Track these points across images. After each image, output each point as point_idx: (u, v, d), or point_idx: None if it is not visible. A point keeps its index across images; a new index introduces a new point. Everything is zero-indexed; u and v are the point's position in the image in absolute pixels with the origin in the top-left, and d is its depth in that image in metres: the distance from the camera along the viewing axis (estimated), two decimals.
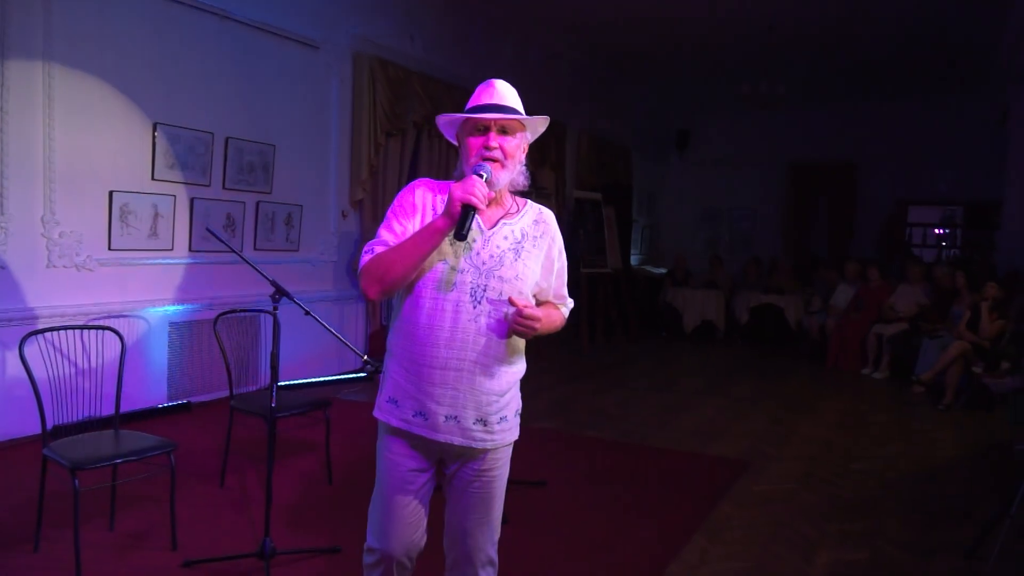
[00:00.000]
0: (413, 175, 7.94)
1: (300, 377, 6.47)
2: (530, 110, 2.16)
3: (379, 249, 1.99)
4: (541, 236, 2.13)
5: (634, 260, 13.30)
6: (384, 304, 7.24)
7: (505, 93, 2.10)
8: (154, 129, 5.38)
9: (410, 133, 7.70)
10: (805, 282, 11.13)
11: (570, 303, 2.28)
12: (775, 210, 13.83)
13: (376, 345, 7.29)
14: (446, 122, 2.14)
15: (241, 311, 4.66)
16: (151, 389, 5.49)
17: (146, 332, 5.43)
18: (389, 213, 2.06)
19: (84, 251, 5.03)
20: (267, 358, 5.73)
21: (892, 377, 8.35)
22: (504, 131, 2.04)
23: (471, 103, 2.09)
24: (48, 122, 4.77)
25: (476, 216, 1.94)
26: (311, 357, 6.61)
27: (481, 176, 1.95)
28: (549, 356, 9.00)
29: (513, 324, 1.97)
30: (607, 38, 10.22)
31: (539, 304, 2.17)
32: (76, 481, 2.97)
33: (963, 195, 12.44)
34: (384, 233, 2.03)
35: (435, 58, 8.09)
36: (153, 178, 5.41)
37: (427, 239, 1.92)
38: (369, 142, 7.07)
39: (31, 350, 3.17)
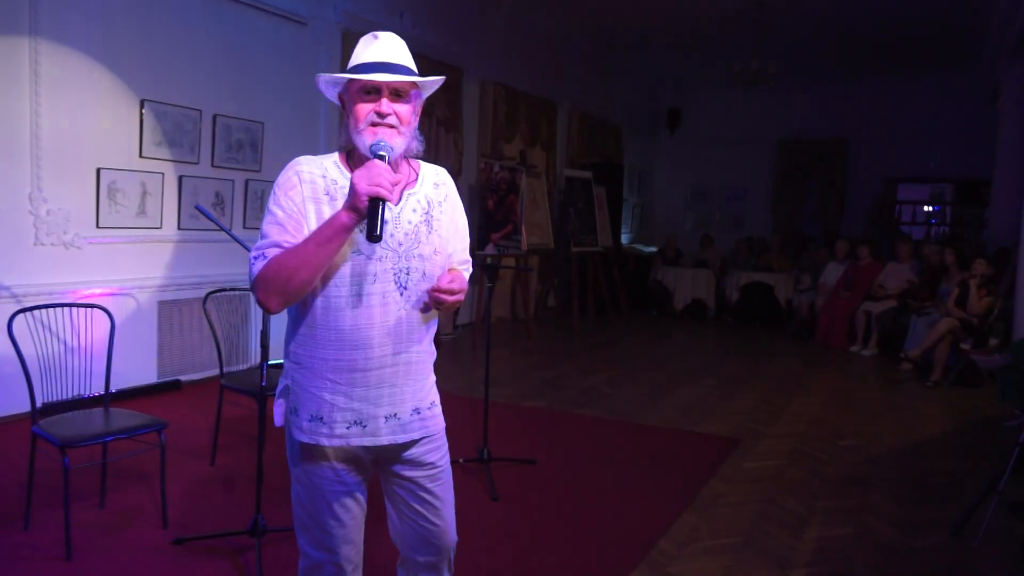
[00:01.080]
0: None
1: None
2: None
3: (272, 252, 1.69)
4: (445, 200, 1.91)
5: (625, 239, 13.30)
6: None
7: (395, 49, 1.80)
8: (141, 106, 5.32)
9: None
10: (795, 260, 11.17)
11: (471, 267, 2.05)
12: (765, 188, 13.85)
13: None
14: (328, 82, 1.84)
15: (231, 290, 4.64)
16: (141, 367, 5.47)
17: (135, 310, 5.40)
18: (272, 205, 1.74)
19: (72, 229, 4.99)
20: (257, 337, 5.71)
21: (880, 354, 8.41)
22: (397, 94, 1.79)
23: (355, 60, 1.79)
24: (35, 98, 4.71)
25: (390, 197, 1.67)
26: None
27: (382, 157, 1.70)
28: (539, 335, 9.02)
29: (440, 299, 1.76)
30: (598, 16, 10.14)
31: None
32: (66, 459, 2.97)
33: (953, 173, 12.49)
34: (272, 231, 1.71)
35: (424, 35, 8.01)
36: (141, 155, 5.36)
37: (331, 238, 1.65)
38: None
39: (19, 328, 3.15)
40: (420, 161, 1.95)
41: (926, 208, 13.85)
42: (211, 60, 5.79)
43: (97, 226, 5.14)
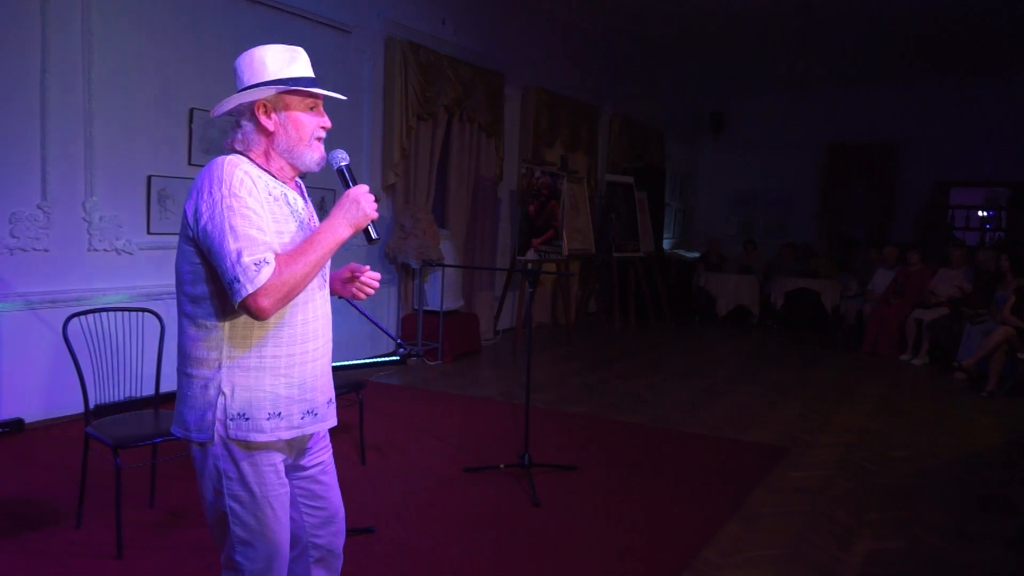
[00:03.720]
0: (444, 159, 7.95)
1: (333, 360, 6.52)
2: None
3: (271, 258, 1.71)
4: None
5: (667, 244, 13.19)
6: (416, 288, 7.27)
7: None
8: (190, 114, 5.44)
9: (441, 117, 7.69)
10: (842, 266, 10.95)
11: None
12: (811, 193, 13.62)
13: (408, 329, 7.33)
14: (270, 89, 1.84)
15: None
16: None
17: None
18: (237, 205, 1.71)
19: (124, 235, 5.12)
20: None
21: (932, 363, 8.19)
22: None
23: (285, 72, 1.87)
24: (88, 108, 4.84)
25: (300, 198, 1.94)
26: (344, 340, 6.65)
27: (344, 167, 1.97)
28: (580, 340, 8.98)
29: (365, 288, 2.07)
30: (640, 18, 10.09)
31: None
32: (118, 459, 3.04)
33: (1008, 176, 12.12)
34: (256, 233, 1.71)
35: (466, 41, 8.06)
36: (190, 163, 5.47)
37: (333, 250, 1.82)
38: (401, 126, 7.07)
39: (74, 331, 3.24)
40: None
41: (980, 213, 13.47)
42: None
43: (148, 232, 5.27)
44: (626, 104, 11.66)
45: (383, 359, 7.00)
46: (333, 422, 2.00)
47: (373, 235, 1.93)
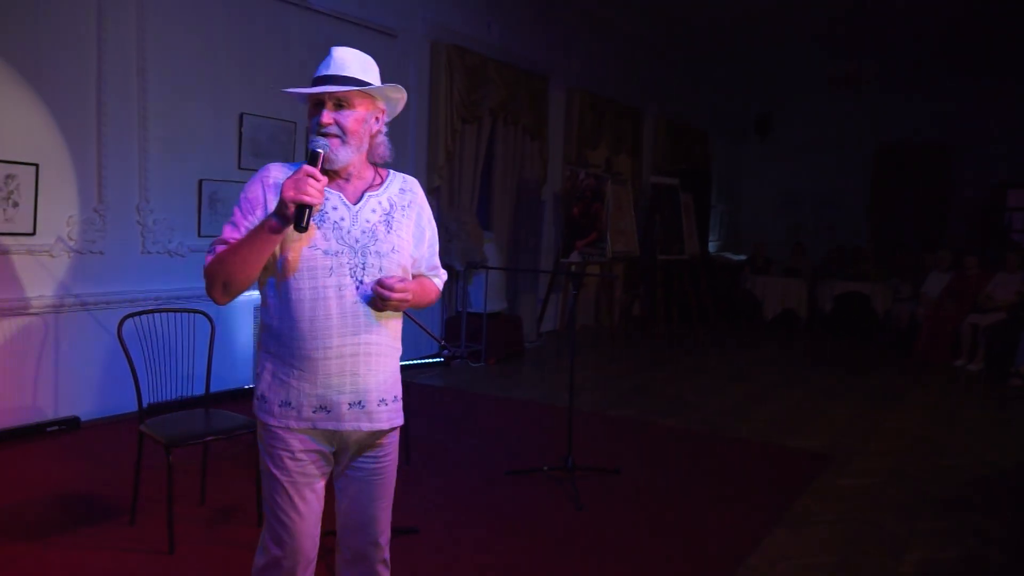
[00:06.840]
0: (489, 162, 7.98)
1: None
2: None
3: (220, 249, 1.86)
4: (408, 205, 2.02)
5: (712, 246, 13.04)
6: (460, 290, 7.31)
7: (345, 62, 1.92)
8: (240, 119, 5.55)
9: (486, 120, 7.72)
10: (892, 270, 10.69)
11: (443, 274, 2.19)
12: (861, 195, 13.33)
13: (452, 331, 7.36)
14: (295, 95, 2.00)
15: None
16: (238, 370, 5.69)
17: (234, 315, 5.63)
18: (235, 207, 1.91)
19: (176, 238, 5.25)
20: None
21: (987, 370, 7.95)
22: (340, 105, 1.88)
23: (315, 75, 1.95)
24: (142, 113, 4.98)
25: (316, 203, 1.76)
26: None
27: (318, 153, 1.81)
28: (624, 343, 8.93)
29: (380, 292, 1.85)
30: (684, 19, 10.00)
31: (413, 276, 2.06)
32: (170, 457, 3.11)
33: None
34: (226, 230, 1.89)
35: (511, 44, 8.08)
36: (239, 167, 5.59)
37: (261, 242, 1.79)
38: (446, 129, 7.12)
39: (128, 332, 3.32)
40: (392, 170, 2.07)
41: None
42: (305, 73, 5.97)
43: (199, 235, 5.39)
44: (671, 105, 11.57)
45: (427, 361, 7.05)
46: (357, 425, 1.93)
47: (304, 222, 1.75)
